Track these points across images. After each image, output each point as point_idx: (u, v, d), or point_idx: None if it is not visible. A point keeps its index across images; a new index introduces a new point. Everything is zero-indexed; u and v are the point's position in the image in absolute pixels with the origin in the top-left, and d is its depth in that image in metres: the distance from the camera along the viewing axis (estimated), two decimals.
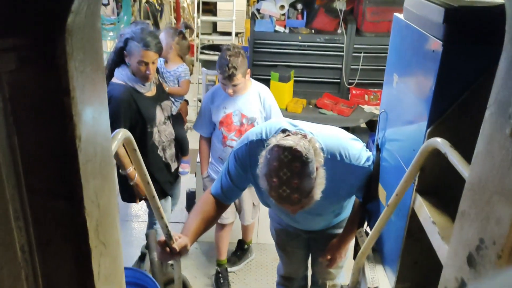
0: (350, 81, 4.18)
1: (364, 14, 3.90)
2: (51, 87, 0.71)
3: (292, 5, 4.09)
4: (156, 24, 6.76)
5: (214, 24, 10.03)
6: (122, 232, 3.97)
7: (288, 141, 1.57)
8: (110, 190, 0.95)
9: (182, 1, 8.60)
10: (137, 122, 2.72)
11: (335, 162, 1.79)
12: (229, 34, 8.19)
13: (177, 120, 3.25)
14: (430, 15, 1.45)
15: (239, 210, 3.22)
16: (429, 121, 1.45)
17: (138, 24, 2.80)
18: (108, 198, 0.94)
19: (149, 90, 2.80)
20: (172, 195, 3.19)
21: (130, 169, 2.70)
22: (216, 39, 8.88)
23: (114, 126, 2.89)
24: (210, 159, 3.12)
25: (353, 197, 2.15)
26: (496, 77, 0.92)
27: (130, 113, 2.68)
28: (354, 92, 4.17)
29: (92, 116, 0.83)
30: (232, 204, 3.02)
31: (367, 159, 1.87)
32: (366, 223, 2.15)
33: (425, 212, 1.46)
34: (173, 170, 3.01)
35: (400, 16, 1.76)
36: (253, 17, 4.07)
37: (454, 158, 1.19)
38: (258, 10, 4.12)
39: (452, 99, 1.41)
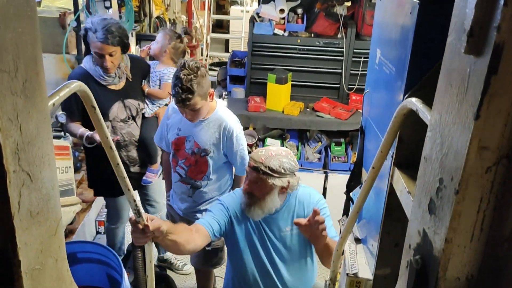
0: (350, 86, 4.11)
1: (364, 17, 3.86)
2: None
3: (292, 9, 4.08)
4: None
5: (227, 44, 10.15)
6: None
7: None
8: (39, 120, 0.89)
9: (194, 21, 8.69)
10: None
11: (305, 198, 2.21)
12: None
13: (149, 123, 2.98)
14: None
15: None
16: (406, 89, 1.38)
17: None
18: (36, 127, 0.87)
19: (111, 84, 2.71)
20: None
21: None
22: (225, 56, 8.94)
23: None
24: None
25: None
26: (455, 5, 0.85)
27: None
28: (354, 98, 4.09)
29: (13, 27, 0.78)
30: None
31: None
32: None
33: (402, 184, 1.37)
34: (132, 170, 2.87)
35: None
36: (252, 21, 4.05)
37: (425, 113, 1.10)
38: (257, 14, 4.11)
39: (430, 64, 1.33)
